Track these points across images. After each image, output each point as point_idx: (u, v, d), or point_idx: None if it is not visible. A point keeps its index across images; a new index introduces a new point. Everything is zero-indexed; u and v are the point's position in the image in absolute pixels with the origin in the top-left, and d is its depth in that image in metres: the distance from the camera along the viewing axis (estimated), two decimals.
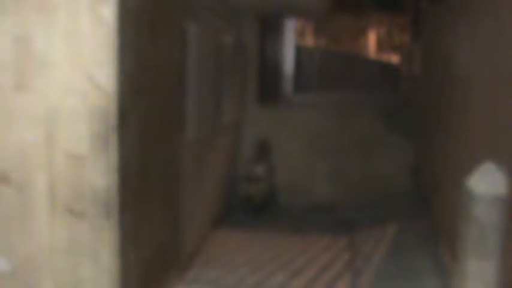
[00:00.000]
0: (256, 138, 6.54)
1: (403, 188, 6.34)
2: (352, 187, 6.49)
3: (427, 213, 5.18)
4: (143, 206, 3.24)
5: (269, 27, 6.58)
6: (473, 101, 3.75)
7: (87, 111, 2.76)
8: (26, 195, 2.86)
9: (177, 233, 4.06)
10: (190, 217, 4.42)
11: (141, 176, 3.16)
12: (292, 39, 6.73)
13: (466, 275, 2.69)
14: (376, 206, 6.11)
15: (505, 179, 2.67)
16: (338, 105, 6.57)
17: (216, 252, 4.76)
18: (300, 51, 6.94)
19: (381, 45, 7.89)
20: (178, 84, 3.94)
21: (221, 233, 5.34)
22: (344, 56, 7.44)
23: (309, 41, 7.70)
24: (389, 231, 5.01)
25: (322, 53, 7.32)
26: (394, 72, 7.08)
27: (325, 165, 6.57)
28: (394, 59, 7.55)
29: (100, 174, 2.79)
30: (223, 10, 5.30)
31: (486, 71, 3.51)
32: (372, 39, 8.05)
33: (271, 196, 6.41)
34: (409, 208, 5.69)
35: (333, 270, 4.41)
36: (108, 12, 2.71)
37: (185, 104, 4.11)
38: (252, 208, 6.15)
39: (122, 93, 2.80)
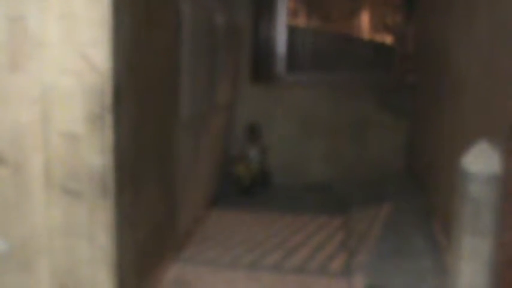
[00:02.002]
0: (249, 118, 6.53)
1: (398, 167, 6.35)
2: (347, 167, 6.50)
3: (421, 192, 5.20)
4: (139, 186, 3.25)
5: (262, 7, 6.54)
6: (468, 80, 3.77)
7: (82, 90, 2.76)
8: (21, 176, 2.86)
9: (172, 213, 4.08)
10: (186, 197, 4.44)
11: (136, 156, 3.17)
12: (285, 19, 6.69)
13: (460, 253, 2.73)
14: (371, 185, 6.14)
15: (499, 157, 2.70)
16: (332, 85, 6.53)
17: (212, 232, 4.79)
18: (293, 31, 6.89)
19: (374, 25, 7.85)
20: (172, 64, 3.94)
21: (216, 213, 5.37)
22: (337, 36, 7.39)
23: (302, 21, 7.65)
24: (384, 211, 5.04)
25: (315, 33, 7.27)
26: (388, 53, 7.06)
27: (319, 146, 6.56)
28: (388, 39, 7.52)
29: (96, 154, 2.79)
30: None
31: (482, 51, 3.52)
32: (365, 19, 8.02)
33: (264, 177, 6.42)
34: (404, 187, 5.72)
35: (328, 249, 4.45)
36: None
37: (180, 84, 4.11)
38: (242, 189, 6.17)
39: (117, 73, 2.79)
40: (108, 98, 2.75)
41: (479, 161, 2.68)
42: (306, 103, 6.54)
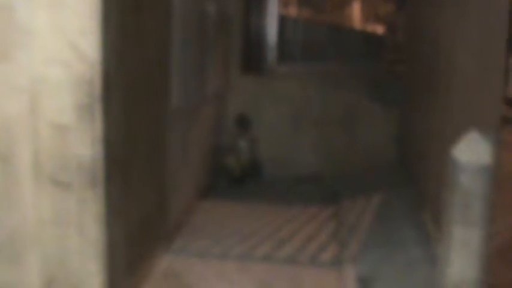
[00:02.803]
0: (239, 109, 6.52)
1: (388, 158, 6.36)
2: (337, 158, 6.51)
3: (411, 183, 5.22)
4: (129, 177, 3.24)
5: None
6: (458, 70, 3.78)
7: (71, 80, 2.74)
8: (10, 167, 2.85)
9: (163, 204, 4.07)
10: (176, 188, 4.43)
11: (126, 147, 3.16)
12: (276, 9, 6.68)
13: (450, 243, 2.74)
14: (362, 176, 6.15)
15: (489, 148, 2.71)
16: (322, 76, 6.53)
17: (202, 223, 4.79)
18: (283, 21, 6.88)
19: (365, 16, 7.86)
20: (162, 54, 3.92)
21: (207, 204, 5.36)
22: (328, 26, 7.40)
23: (293, 10, 7.65)
24: (374, 201, 5.06)
25: (306, 23, 7.27)
26: (379, 43, 7.08)
27: (309, 137, 6.57)
28: (379, 29, 7.54)
29: (85, 145, 2.78)
30: None
31: (472, 41, 3.53)
32: (356, 9, 8.02)
33: (254, 168, 6.42)
34: (394, 178, 5.74)
35: (318, 240, 4.46)
36: None
37: (170, 74, 4.09)
38: (232, 180, 6.18)
39: (106, 62, 2.78)
40: (97, 88, 2.74)
41: (469, 151, 2.69)
42: (297, 94, 6.53)
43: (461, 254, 2.71)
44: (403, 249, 3.87)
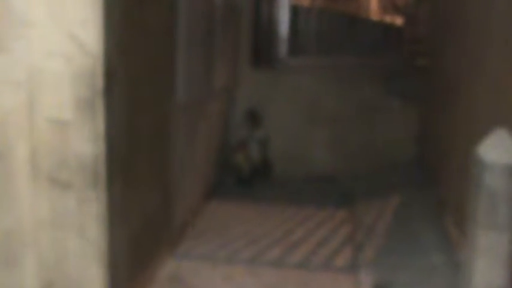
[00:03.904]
0: (249, 104, 6.53)
1: (407, 156, 6.33)
2: (353, 156, 6.49)
3: (432, 183, 5.18)
4: (132, 176, 3.23)
5: None
6: (486, 64, 3.73)
7: (71, 73, 2.72)
8: (6, 165, 2.84)
9: (167, 205, 4.07)
10: (182, 188, 4.43)
11: (130, 144, 3.15)
12: None
13: (475, 248, 2.70)
14: (378, 175, 6.14)
15: None
16: (337, 69, 6.51)
17: (209, 225, 4.78)
18: (296, 11, 6.85)
19: (383, 6, 7.80)
20: (168, 46, 3.91)
21: (214, 205, 5.36)
22: (343, 17, 7.35)
23: (306, 0, 7.60)
24: (392, 203, 5.03)
25: (319, 14, 7.22)
26: (397, 35, 7.02)
27: (323, 134, 6.56)
28: (397, 20, 7.47)
29: (86, 142, 2.77)
30: None
31: (501, 31, 3.48)
32: None
33: (264, 167, 6.44)
34: (413, 178, 5.71)
35: (332, 243, 4.44)
36: None
37: (176, 67, 4.08)
38: (241, 179, 6.20)
39: (109, 54, 2.76)
40: (99, 81, 2.72)
41: (496, 150, 2.65)
42: (310, 88, 6.52)
43: (487, 260, 2.67)
44: (423, 255, 3.84)
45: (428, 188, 5.17)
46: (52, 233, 2.88)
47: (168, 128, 3.98)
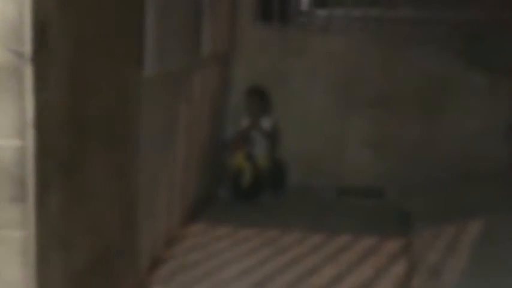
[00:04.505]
0: (252, 80, 6.55)
1: (492, 159, 6.33)
2: (409, 159, 6.48)
3: None
4: (78, 186, 3.18)
5: None
6: None
7: None
8: None
9: (131, 229, 4.07)
10: (154, 203, 4.48)
11: (73, 136, 3.09)
12: None
13: None
14: (449, 189, 6.11)
15: None
16: (387, 28, 6.47)
17: (191, 260, 4.82)
18: None
19: None
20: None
21: (200, 230, 5.41)
22: None
23: None
24: (471, 231, 4.98)
25: None
26: None
27: (364, 125, 6.57)
28: None
29: (7, 132, 2.72)
30: None
31: None
32: None
33: (274, 174, 6.48)
34: (503, 191, 5.70)
35: None
36: None
37: (144, 25, 4.09)
38: (240, 191, 6.28)
39: (42, 5, 2.70)
40: (27, 39, 2.65)
41: None
42: (345, 56, 6.53)
43: None
44: None
45: None
46: None
47: (131, 113, 3.96)
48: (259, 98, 6.53)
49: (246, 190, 6.29)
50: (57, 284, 3.03)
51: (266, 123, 6.51)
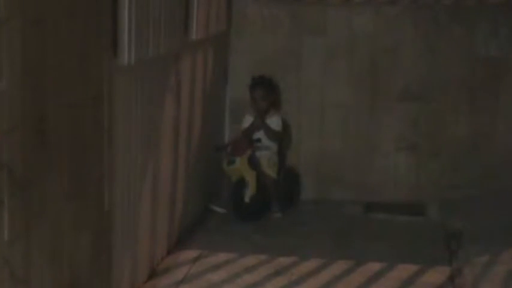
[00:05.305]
0: (255, 67, 6.55)
1: None
2: (455, 164, 6.49)
3: None
4: (35, 204, 3.19)
5: None
6: None
7: None
8: None
9: (105, 256, 4.07)
10: (132, 224, 4.48)
11: (30, 144, 3.10)
12: None
13: None
14: (506, 201, 6.12)
15: None
16: (425, 0, 6.49)
17: None
18: None
19: None
20: None
21: (190, 257, 5.38)
22: None
23: None
24: None
25: None
26: None
27: (395, 123, 6.57)
28: None
29: None
30: None
31: None
32: None
33: (284, 184, 6.50)
34: None
35: None
36: None
37: (117, 2, 4.10)
38: (241, 206, 6.24)
39: None
40: None
41: None
42: (373, 35, 6.55)
43: None
44: None
45: None
46: None
47: (103, 114, 3.96)
48: (265, 90, 6.49)
49: (248, 206, 6.23)
50: None
51: (274, 121, 6.48)
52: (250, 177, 6.25)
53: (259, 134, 6.44)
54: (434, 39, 6.55)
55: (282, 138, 6.56)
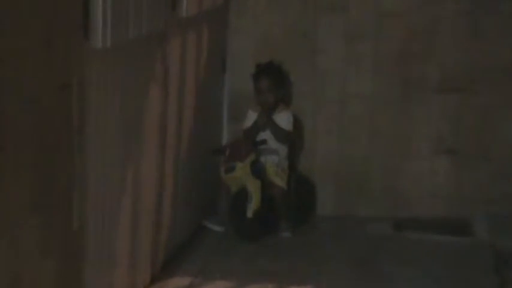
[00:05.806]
0: (260, 54, 6.54)
1: None
2: (507, 172, 6.44)
3: None
4: None
5: None
6: None
7: None
8: None
9: (74, 284, 4.05)
10: (108, 246, 4.45)
11: None
12: None
13: None
14: None
15: None
16: None
17: None
18: None
19: None
20: None
21: (182, 283, 5.38)
22: None
23: None
24: None
25: None
26: None
27: (433, 121, 6.54)
28: None
29: None
30: None
31: None
32: None
33: (295, 195, 6.48)
34: None
35: None
36: None
37: None
38: (244, 223, 6.21)
39: None
40: None
41: None
42: (402, 10, 6.53)
43: None
44: None
45: None
46: None
47: (72, 109, 3.91)
48: (272, 81, 6.44)
49: (251, 222, 6.20)
50: None
51: (283, 118, 6.44)
52: (254, 188, 6.19)
53: (265, 135, 6.40)
54: (480, 17, 6.52)
55: (293, 139, 6.52)
